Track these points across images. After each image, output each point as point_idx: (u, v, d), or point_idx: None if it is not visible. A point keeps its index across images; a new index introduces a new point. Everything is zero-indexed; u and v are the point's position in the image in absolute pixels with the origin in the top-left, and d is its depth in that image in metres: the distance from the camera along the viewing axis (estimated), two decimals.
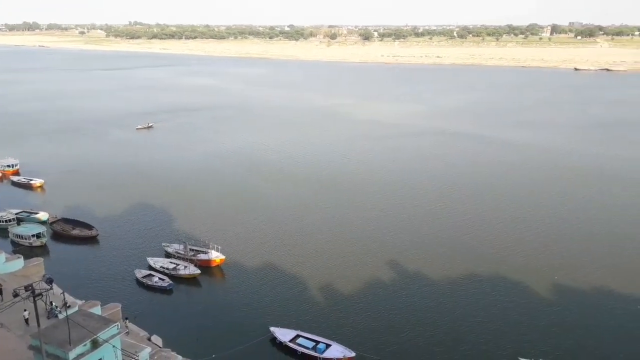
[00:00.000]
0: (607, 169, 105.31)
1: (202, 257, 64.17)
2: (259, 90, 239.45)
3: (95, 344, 29.93)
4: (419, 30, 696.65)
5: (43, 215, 78.97)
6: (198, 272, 61.44)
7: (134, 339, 40.77)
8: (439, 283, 59.36)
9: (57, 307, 38.29)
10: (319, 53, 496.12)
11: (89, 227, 74.37)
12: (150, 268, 63.01)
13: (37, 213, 79.94)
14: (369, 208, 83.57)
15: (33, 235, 69.73)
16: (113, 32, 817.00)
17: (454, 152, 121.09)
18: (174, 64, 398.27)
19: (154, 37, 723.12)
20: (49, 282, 34.01)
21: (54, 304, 38.43)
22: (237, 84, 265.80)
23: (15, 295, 32.03)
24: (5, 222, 75.78)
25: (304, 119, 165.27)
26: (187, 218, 79.70)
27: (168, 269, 62.14)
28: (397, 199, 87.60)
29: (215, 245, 65.84)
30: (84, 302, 41.19)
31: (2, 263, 45.44)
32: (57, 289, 42.63)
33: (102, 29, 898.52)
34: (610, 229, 74.48)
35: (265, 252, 67.79)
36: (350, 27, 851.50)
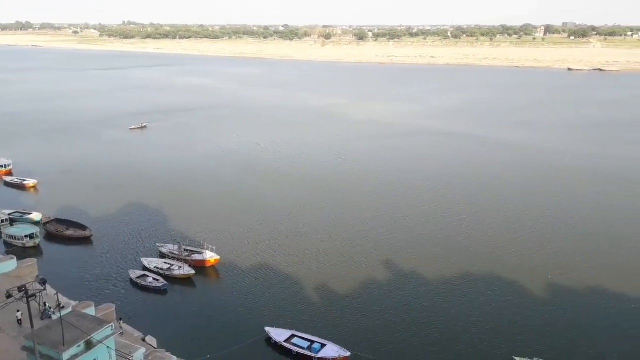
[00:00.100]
0: (600, 169, 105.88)
1: (196, 257, 64.00)
2: (254, 90, 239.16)
3: (89, 345, 29.80)
4: (414, 31, 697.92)
5: (36, 216, 78.55)
6: (192, 272, 61.28)
7: (129, 340, 40.62)
8: (434, 283, 59.50)
9: (50, 308, 38.12)
10: (314, 53, 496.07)
11: (83, 227, 74.04)
12: (145, 268, 62.80)
13: (30, 213, 79.49)
14: (364, 208, 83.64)
15: (26, 236, 69.34)
16: (107, 31, 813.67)
17: (449, 152, 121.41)
18: (168, 64, 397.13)
19: (148, 37, 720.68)
20: (43, 282, 33.76)
21: (48, 305, 38.24)
22: (231, 84, 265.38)
23: (9, 296, 31.77)
24: None
25: (299, 119, 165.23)
26: (181, 218, 79.48)
27: (162, 270, 61.95)
28: (392, 199, 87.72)
29: (210, 246, 65.73)
30: (78, 302, 41.00)
31: None
32: (50, 290, 42.37)
33: (95, 29, 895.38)
34: (604, 229, 74.89)
35: (260, 252, 67.71)
36: (345, 27, 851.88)
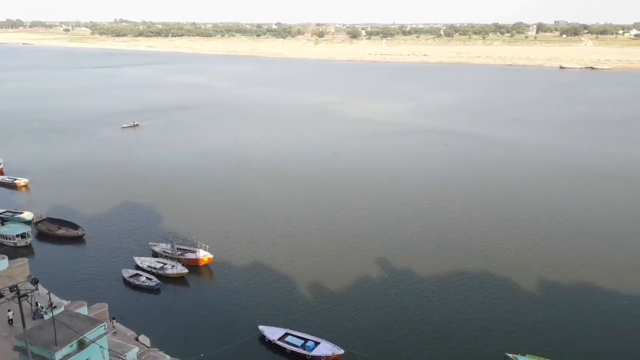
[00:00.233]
0: (593, 167, 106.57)
1: (189, 256, 63.82)
2: (247, 88, 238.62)
3: (82, 345, 29.67)
4: (407, 29, 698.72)
5: (28, 215, 78.00)
6: (186, 271, 61.09)
7: (122, 339, 40.47)
8: (428, 281, 59.67)
9: (42, 307, 37.90)
10: (307, 51, 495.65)
11: (75, 226, 73.61)
12: (138, 267, 62.57)
13: (21, 213, 78.90)
14: (358, 206, 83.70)
15: (17, 235, 68.82)
16: (98, 29, 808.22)
17: (442, 150, 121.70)
18: (160, 62, 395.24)
19: (140, 34, 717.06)
20: (34, 282, 33.55)
21: (40, 305, 38.02)
22: (224, 82, 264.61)
23: (0, 296, 31.60)
24: None
25: (292, 117, 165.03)
26: (174, 217, 79.20)
27: (155, 269, 61.73)
28: (385, 197, 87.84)
29: (203, 244, 65.54)
30: (70, 302, 40.82)
31: None
32: (42, 290, 42.12)
33: (87, 27, 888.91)
34: (597, 226, 75.40)
35: (254, 250, 67.62)
36: (338, 25, 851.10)
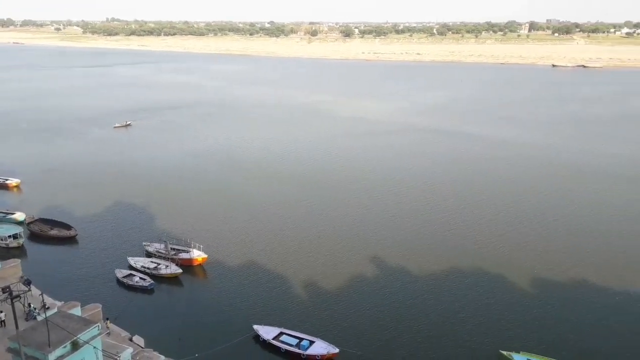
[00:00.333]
0: (585, 165, 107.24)
1: (183, 256, 63.65)
2: (240, 87, 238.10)
3: (76, 346, 29.51)
4: (400, 28, 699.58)
5: (20, 216, 77.45)
6: (179, 271, 60.91)
7: (116, 340, 40.33)
8: (422, 279, 59.82)
9: (35, 308, 37.66)
10: (300, 50, 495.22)
11: (68, 227, 73.19)
12: (131, 268, 62.32)
13: (13, 213, 78.32)
14: (352, 205, 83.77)
15: (9, 236, 68.26)
16: (90, 28, 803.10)
17: (436, 149, 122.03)
18: (153, 61, 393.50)
19: (132, 33, 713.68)
20: (27, 283, 33.36)
21: (33, 306, 37.78)
22: (217, 81, 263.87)
23: None
24: None
25: (286, 116, 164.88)
26: (167, 217, 78.94)
27: (149, 269, 61.51)
28: (379, 196, 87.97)
29: (197, 244, 65.38)
30: (64, 303, 40.56)
31: None
32: (35, 291, 41.88)
33: (78, 26, 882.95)
34: (589, 225, 75.87)
35: (248, 250, 67.52)
36: (331, 24, 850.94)
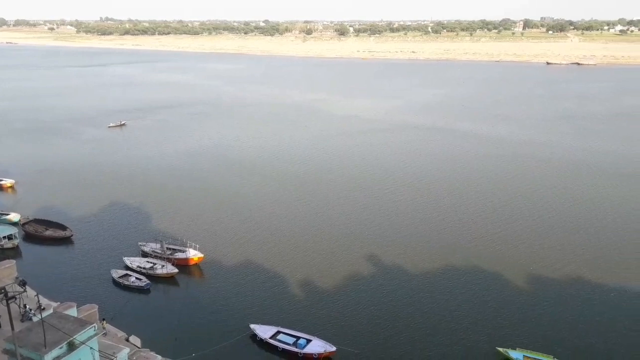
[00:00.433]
0: (580, 162, 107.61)
1: (179, 255, 63.50)
2: (234, 86, 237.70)
3: (72, 346, 29.45)
4: (394, 26, 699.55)
5: (14, 216, 77.09)
6: (176, 271, 60.77)
7: (112, 340, 40.26)
8: (419, 277, 59.92)
9: (31, 309, 37.49)
10: (295, 48, 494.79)
11: (63, 227, 72.89)
12: (127, 268, 62.13)
13: (8, 214, 77.93)
14: (348, 204, 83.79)
15: (4, 237, 67.93)
16: (83, 28, 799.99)
17: (431, 147, 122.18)
18: (147, 61, 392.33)
19: (126, 33, 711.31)
20: (22, 284, 33.20)
21: (28, 307, 37.60)
22: (212, 80, 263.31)
23: None
24: None
25: (281, 115, 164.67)
26: (163, 217, 78.74)
27: (145, 269, 61.35)
28: (375, 195, 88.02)
29: (193, 244, 65.26)
30: (59, 304, 40.40)
31: None
32: (30, 291, 41.71)
33: (72, 25, 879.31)
34: (585, 222, 76.15)
35: (244, 249, 67.44)
36: (326, 22, 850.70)
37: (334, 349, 46.25)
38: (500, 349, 45.82)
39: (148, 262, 62.85)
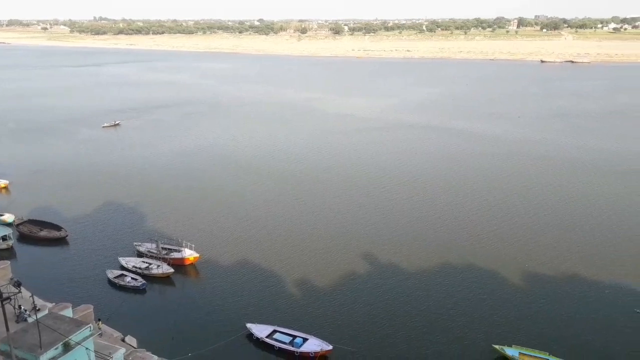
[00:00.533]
0: (575, 160, 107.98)
1: (175, 255, 63.34)
2: (229, 86, 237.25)
3: (67, 347, 29.33)
4: (389, 25, 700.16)
5: (8, 217, 76.64)
6: (171, 270, 60.62)
7: (108, 340, 40.15)
8: (415, 275, 60.00)
9: (26, 310, 37.29)
10: (290, 47, 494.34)
11: (58, 228, 72.57)
12: (122, 268, 61.93)
13: (2, 215, 77.40)
14: (344, 202, 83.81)
15: None
16: (77, 27, 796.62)
17: (426, 145, 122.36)
18: (141, 60, 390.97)
19: (120, 32, 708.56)
20: (17, 285, 33.02)
21: (23, 308, 37.41)
22: (207, 80, 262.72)
23: None
24: None
25: (276, 114, 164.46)
26: (158, 216, 78.53)
27: (140, 269, 61.17)
28: (371, 193, 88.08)
29: (189, 243, 65.10)
30: (55, 304, 40.26)
31: None
32: (25, 292, 41.55)
33: (65, 25, 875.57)
34: (580, 219, 76.38)
35: (240, 248, 67.35)
36: (321, 21, 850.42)
37: (331, 348, 46.25)
38: (497, 346, 45.96)
39: (143, 262, 62.66)
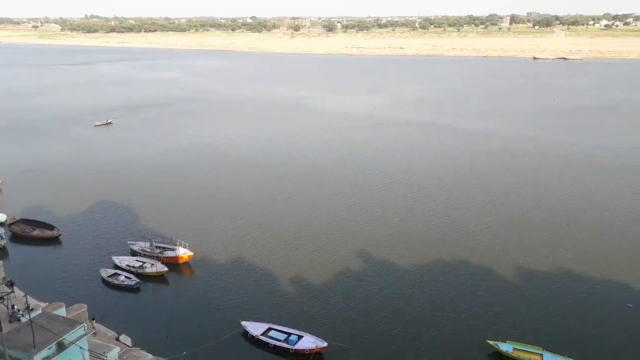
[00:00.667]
0: (568, 156, 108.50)
1: (169, 254, 63.14)
2: (222, 83, 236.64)
3: (61, 346, 29.21)
4: (382, 22, 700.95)
5: (1, 217, 76.05)
6: (165, 269, 60.43)
7: (102, 340, 40.01)
8: (409, 272, 60.14)
9: (19, 310, 37.07)
10: (283, 45, 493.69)
11: (50, 227, 72.13)
12: (116, 267, 61.67)
13: None
14: (338, 200, 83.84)
15: None
16: (68, 26, 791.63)
17: (420, 142, 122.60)
18: (134, 58, 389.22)
19: (112, 30, 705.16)
20: (10, 285, 32.86)
21: (16, 308, 37.19)
22: (199, 77, 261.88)
23: None
24: None
25: (270, 112, 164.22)
26: (152, 215, 78.23)
27: (134, 267, 60.93)
28: (365, 191, 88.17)
29: (183, 242, 64.90)
30: (48, 304, 40.04)
31: None
32: (18, 292, 41.19)
33: (56, 23, 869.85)
34: (573, 215, 76.84)
35: (235, 246, 67.25)
36: (314, 18, 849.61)
37: (326, 345, 46.29)
38: (491, 342, 46.16)
39: (137, 260, 62.42)
